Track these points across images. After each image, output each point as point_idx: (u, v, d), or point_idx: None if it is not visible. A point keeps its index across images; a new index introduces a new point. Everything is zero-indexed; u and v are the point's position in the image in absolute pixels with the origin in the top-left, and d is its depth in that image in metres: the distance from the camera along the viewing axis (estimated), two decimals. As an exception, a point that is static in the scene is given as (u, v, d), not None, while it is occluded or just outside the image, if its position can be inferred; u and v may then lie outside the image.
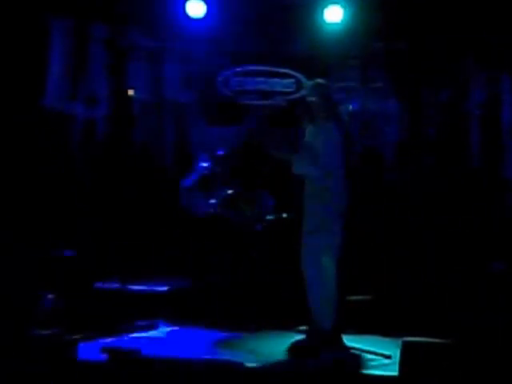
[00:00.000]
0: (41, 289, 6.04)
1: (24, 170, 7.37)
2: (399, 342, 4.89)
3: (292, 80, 9.09)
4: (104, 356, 4.61)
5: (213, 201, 7.52)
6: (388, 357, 5.28)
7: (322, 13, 8.32)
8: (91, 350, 5.12)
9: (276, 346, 5.69)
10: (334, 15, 8.32)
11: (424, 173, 8.35)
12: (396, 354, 4.92)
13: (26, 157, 7.45)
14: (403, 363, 4.70)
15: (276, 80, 9.11)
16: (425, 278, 7.29)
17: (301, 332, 5.88)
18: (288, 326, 6.25)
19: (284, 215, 7.75)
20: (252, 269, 7.37)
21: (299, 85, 9.02)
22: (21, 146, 7.40)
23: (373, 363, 5.35)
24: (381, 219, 6.75)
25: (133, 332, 6.20)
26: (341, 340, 5.69)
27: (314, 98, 5.71)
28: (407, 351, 4.72)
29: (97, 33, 8.66)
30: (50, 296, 5.99)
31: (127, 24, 8.72)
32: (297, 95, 8.94)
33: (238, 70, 9.14)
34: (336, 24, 8.35)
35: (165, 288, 7.11)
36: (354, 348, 5.61)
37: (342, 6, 8.27)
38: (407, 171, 5.55)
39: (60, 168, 8.05)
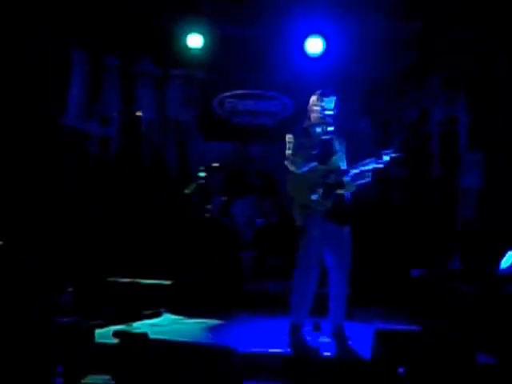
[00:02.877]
0: (63, 283, 6.09)
1: (47, 180, 7.39)
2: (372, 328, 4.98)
3: (278, 102, 9.14)
4: (116, 340, 4.68)
5: (209, 207, 7.57)
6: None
7: (304, 45, 8.35)
8: (105, 335, 5.20)
9: (269, 333, 5.76)
10: (314, 47, 8.34)
11: (393, 182, 8.42)
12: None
13: (49, 168, 7.47)
14: (377, 350, 4.78)
15: (264, 102, 9.15)
16: (394, 272, 7.37)
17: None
18: (275, 315, 6.28)
19: (272, 220, 7.81)
20: (244, 266, 7.44)
21: (284, 106, 9.08)
22: (45, 159, 7.43)
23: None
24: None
25: (141, 319, 6.26)
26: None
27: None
28: (381, 338, 4.79)
29: (110, 62, 8.75)
30: (69, 289, 6.06)
31: (136, 54, 8.78)
32: (283, 115, 9.01)
33: (231, 93, 9.20)
34: (317, 54, 8.38)
35: (168, 282, 7.17)
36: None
37: (322, 38, 8.30)
38: (378, 182, 5.57)
39: (78, 178, 8.11)
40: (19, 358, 4.28)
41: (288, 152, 5.57)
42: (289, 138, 5.61)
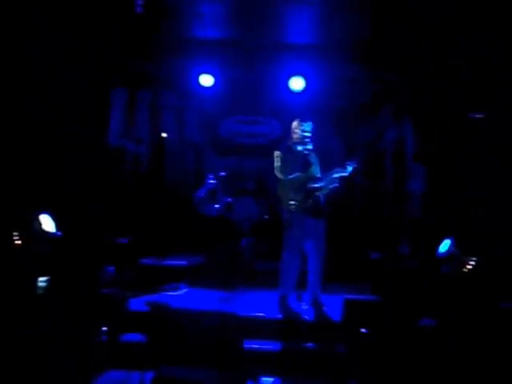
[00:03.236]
0: (106, 263, 6.10)
1: (96, 187, 7.34)
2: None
3: (270, 126, 9.12)
4: (146, 307, 4.68)
5: (217, 206, 7.55)
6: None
7: (289, 83, 8.28)
8: (138, 304, 5.23)
9: (263, 302, 5.77)
10: (296, 85, 8.26)
11: (356, 187, 8.40)
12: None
13: (97, 177, 7.43)
14: (345, 314, 4.78)
15: (259, 126, 9.13)
16: (358, 255, 7.33)
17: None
18: (267, 288, 6.22)
19: (265, 217, 7.80)
20: (243, 250, 7.43)
21: (274, 129, 9.06)
22: (94, 168, 7.39)
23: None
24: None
25: (164, 292, 6.25)
26: None
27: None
28: (348, 306, 4.79)
29: (141, 96, 8.73)
30: (111, 268, 6.06)
31: (162, 90, 8.77)
32: (273, 136, 8.99)
33: (233, 119, 9.19)
34: (299, 90, 8.31)
35: (185, 262, 7.15)
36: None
37: (303, 78, 8.24)
38: (345, 187, 5.59)
39: (118, 185, 8.10)
40: (76, 320, 4.29)
41: (277, 164, 5.58)
42: (276, 154, 5.63)
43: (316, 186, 5.49)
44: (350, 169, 5.30)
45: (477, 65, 6.94)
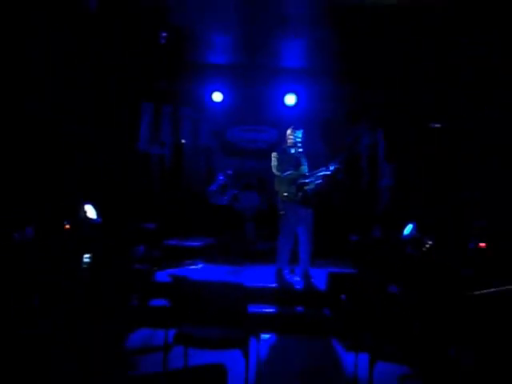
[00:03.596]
0: (137, 244, 6.10)
1: (128, 184, 7.28)
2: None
3: (268, 133, 9.10)
4: (169, 279, 4.71)
5: (225, 198, 7.57)
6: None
7: (284, 98, 8.28)
8: (163, 276, 5.27)
9: (263, 274, 5.80)
10: (290, 100, 8.26)
11: (338, 183, 8.38)
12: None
13: (128, 175, 7.41)
14: (329, 284, 4.80)
15: (260, 133, 9.12)
16: (340, 237, 7.27)
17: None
18: (267, 263, 6.25)
19: (264, 206, 7.82)
20: (247, 233, 7.45)
21: (272, 136, 9.06)
22: (126, 169, 7.37)
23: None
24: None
25: (184, 266, 6.28)
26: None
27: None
28: (331, 277, 4.81)
29: (165, 109, 8.69)
30: (141, 247, 6.09)
31: (181, 104, 8.76)
32: (271, 141, 8.99)
33: (239, 128, 9.18)
34: (292, 104, 8.30)
35: (201, 243, 7.18)
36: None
37: (295, 94, 8.24)
38: (329, 183, 5.59)
39: (145, 182, 8.09)
40: (116, 288, 4.31)
41: (273, 164, 5.61)
42: (273, 155, 5.66)
43: (305, 181, 5.52)
44: (332, 168, 5.33)
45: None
